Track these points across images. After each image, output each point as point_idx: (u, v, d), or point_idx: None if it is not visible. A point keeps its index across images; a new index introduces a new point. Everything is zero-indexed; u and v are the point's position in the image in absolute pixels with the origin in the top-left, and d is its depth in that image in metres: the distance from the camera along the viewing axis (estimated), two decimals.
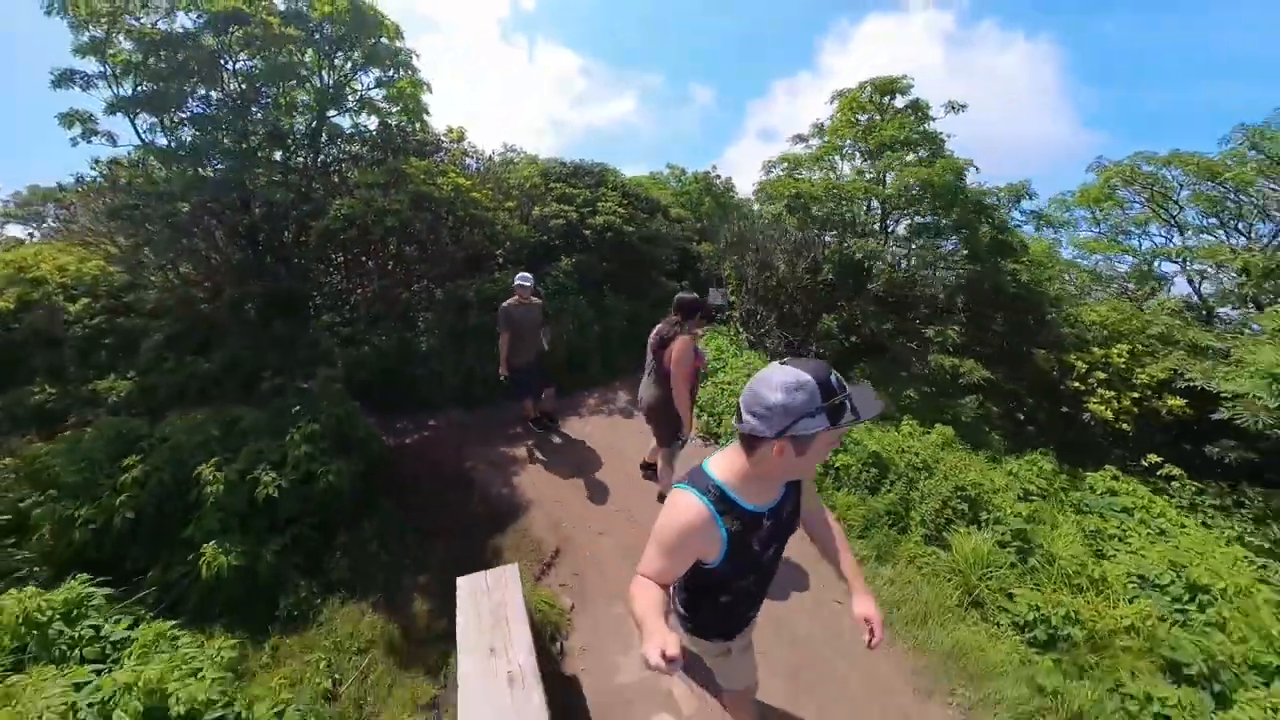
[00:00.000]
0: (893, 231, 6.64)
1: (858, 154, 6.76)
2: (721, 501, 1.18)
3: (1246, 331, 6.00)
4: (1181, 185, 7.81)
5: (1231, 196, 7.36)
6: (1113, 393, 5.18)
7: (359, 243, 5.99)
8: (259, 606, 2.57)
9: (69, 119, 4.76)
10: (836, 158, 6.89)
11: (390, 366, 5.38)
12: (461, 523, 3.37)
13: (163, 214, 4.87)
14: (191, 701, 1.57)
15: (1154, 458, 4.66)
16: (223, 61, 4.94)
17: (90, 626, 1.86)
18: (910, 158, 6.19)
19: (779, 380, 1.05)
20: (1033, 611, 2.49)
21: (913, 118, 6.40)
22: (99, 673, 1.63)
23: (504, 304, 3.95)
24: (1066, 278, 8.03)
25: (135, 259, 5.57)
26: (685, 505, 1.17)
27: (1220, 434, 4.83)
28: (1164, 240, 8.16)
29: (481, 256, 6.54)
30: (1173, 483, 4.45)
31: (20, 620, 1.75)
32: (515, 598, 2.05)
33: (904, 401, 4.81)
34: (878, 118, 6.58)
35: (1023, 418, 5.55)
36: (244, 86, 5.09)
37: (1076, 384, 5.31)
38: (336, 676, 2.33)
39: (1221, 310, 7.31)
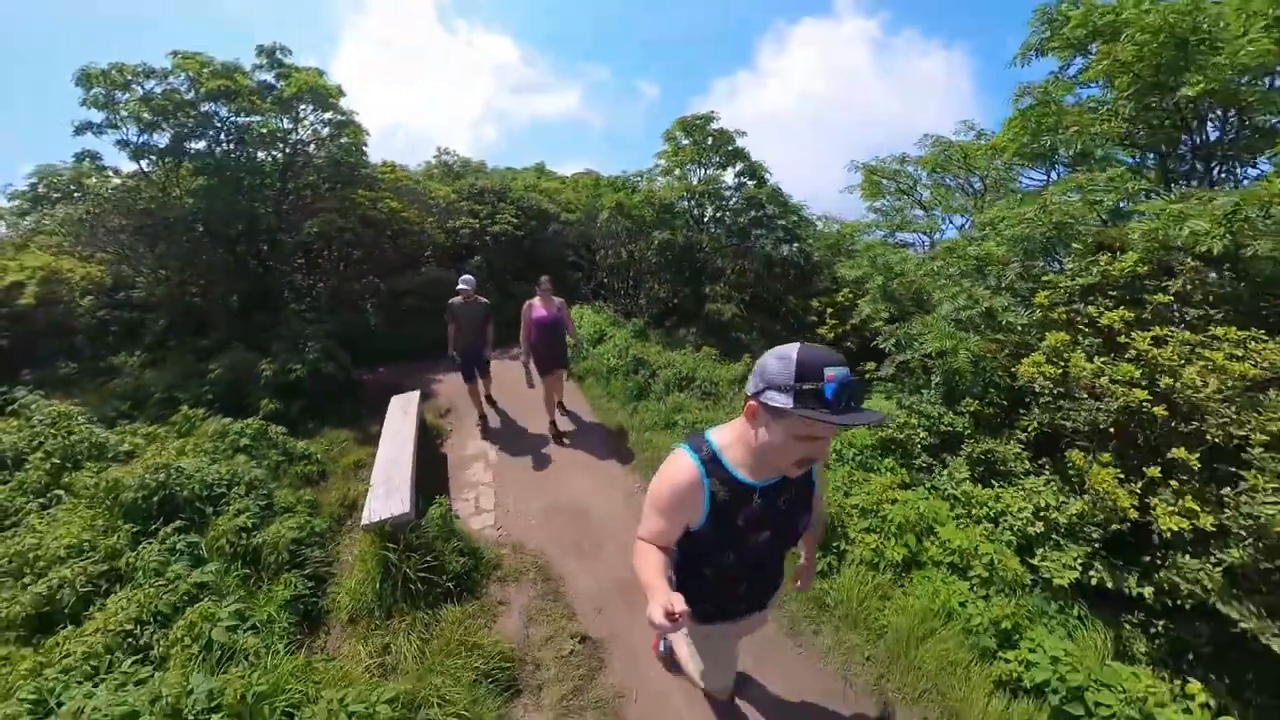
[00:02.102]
0: (707, 222, 9.41)
1: (677, 169, 9.40)
2: (712, 464, 1.19)
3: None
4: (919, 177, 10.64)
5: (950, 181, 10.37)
6: (836, 321, 8.07)
7: (321, 251, 8.20)
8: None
9: (82, 158, 6.85)
10: (659, 173, 9.37)
11: (349, 336, 7.59)
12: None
13: (183, 230, 6.89)
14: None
15: (869, 366, 7.47)
16: (217, 123, 7.01)
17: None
18: (724, 171, 8.99)
19: (777, 349, 1.08)
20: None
21: (717, 141, 9.11)
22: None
23: (451, 300, 4.72)
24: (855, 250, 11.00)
25: (139, 263, 7.46)
26: (677, 463, 1.20)
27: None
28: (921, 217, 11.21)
29: (414, 257, 8.97)
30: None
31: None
32: (415, 403, 4.59)
33: (690, 337, 7.55)
34: (686, 142, 9.11)
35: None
36: (232, 142, 7.17)
37: (814, 319, 8.19)
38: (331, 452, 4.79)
39: None
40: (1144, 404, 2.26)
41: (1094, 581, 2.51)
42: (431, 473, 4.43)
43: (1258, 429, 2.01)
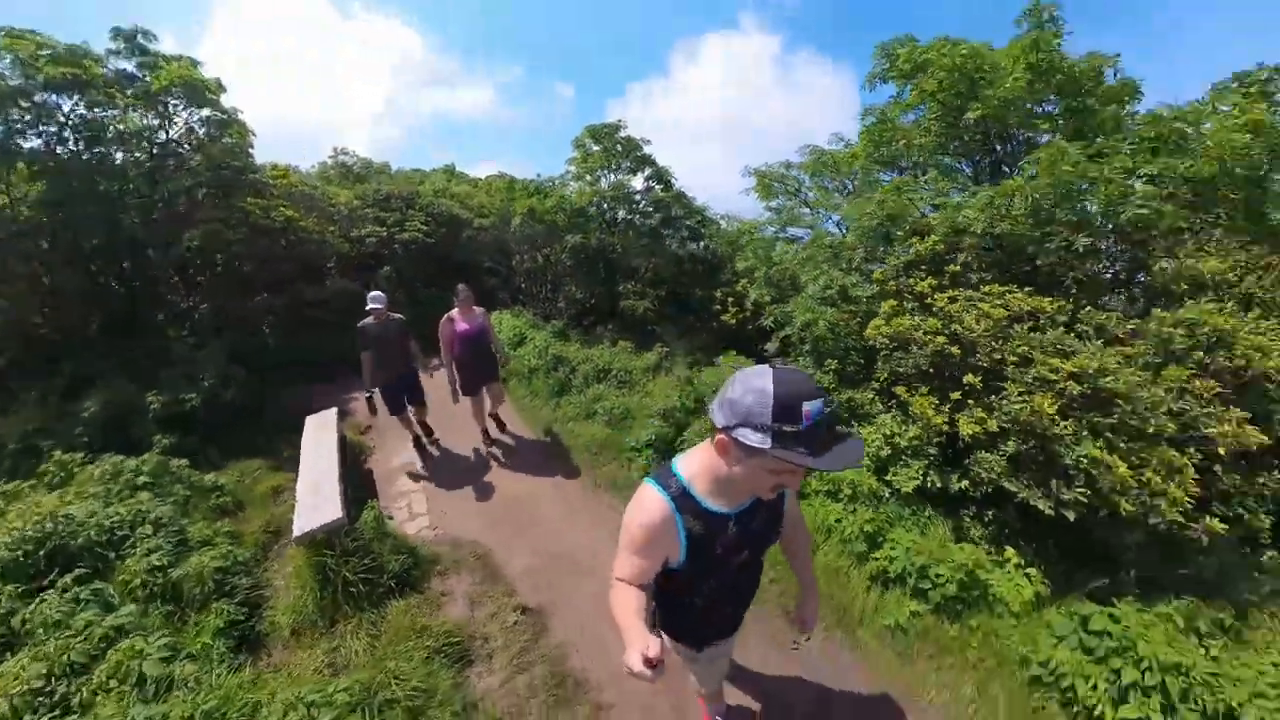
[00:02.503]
0: (620, 225, 9.89)
1: (588, 174, 9.78)
2: (683, 499, 1.16)
3: None
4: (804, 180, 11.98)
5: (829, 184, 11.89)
6: (737, 309, 8.86)
7: (202, 267, 7.47)
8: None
9: None
10: (571, 178, 9.57)
11: (244, 358, 6.95)
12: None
13: (20, 247, 5.96)
14: None
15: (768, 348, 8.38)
16: (60, 118, 6.10)
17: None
18: (634, 176, 9.46)
19: (747, 378, 1.00)
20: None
21: (625, 148, 9.61)
22: None
23: (362, 323, 4.05)
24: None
25: None
26: (646, 502, 1.16)
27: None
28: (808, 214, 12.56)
29: (316, 269, 8.44)
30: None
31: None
32: (333, 420, 4.52)
33: (607, 334, 7.98)
34: (596, 149, 9.51)
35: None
36: (82, 140, 6.30)
37: (719, 308, 8.92)
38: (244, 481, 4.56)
39: None
40: (945, 346, 3.03)
41: (932, 485, 3.26)
42: (359, 488, 4.40)
43: (1009, 353, 2.83)
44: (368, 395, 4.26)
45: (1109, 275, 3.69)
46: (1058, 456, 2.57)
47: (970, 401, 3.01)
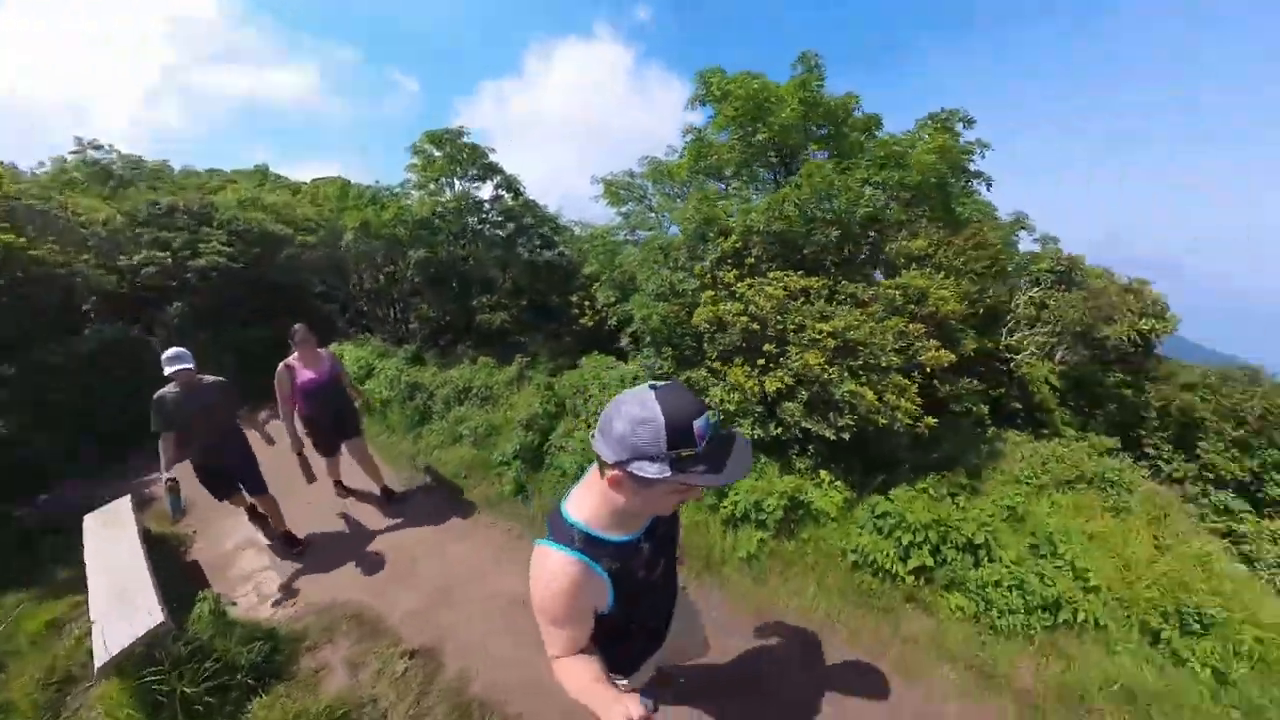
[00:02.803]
0: (470, 235, 9.58)
1: (431, 183, 9.22)
2: (590, 546, 1.11)
3: None
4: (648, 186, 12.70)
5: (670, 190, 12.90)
6: (593, 311, 9.27)
7: None
8: None
9: None
10: (413, 187, 8.92)
11: None
12: None
13: None
14: None
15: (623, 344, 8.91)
16: None
17: None
18: (482, 185, 9.17)
19: (630, 407, 0.97)
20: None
21: (470, 155, 9.25)
22: None
23: (159, 394, 3.10)
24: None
25: None
26: (555, 567, 1.09)
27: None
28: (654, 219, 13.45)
29: (64, 315, 6.54)
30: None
31: None
32: (127, 512, 3.70)
33: (466, 351, 7.82)
34: (439, 155, 8.98)
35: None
36: None
37: (576, 311, 9.24)
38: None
39: None
40: (748, 324, 3.74)
41: (759, 437, 3.96)
42: (181, 583, 3.61)
43: (789, 323, 3.63)
44: (168, 486, 3.13)
45: (861, 257, 4.85)
46: (830, 395, 3.39)
47: (771, 365, 3.77)
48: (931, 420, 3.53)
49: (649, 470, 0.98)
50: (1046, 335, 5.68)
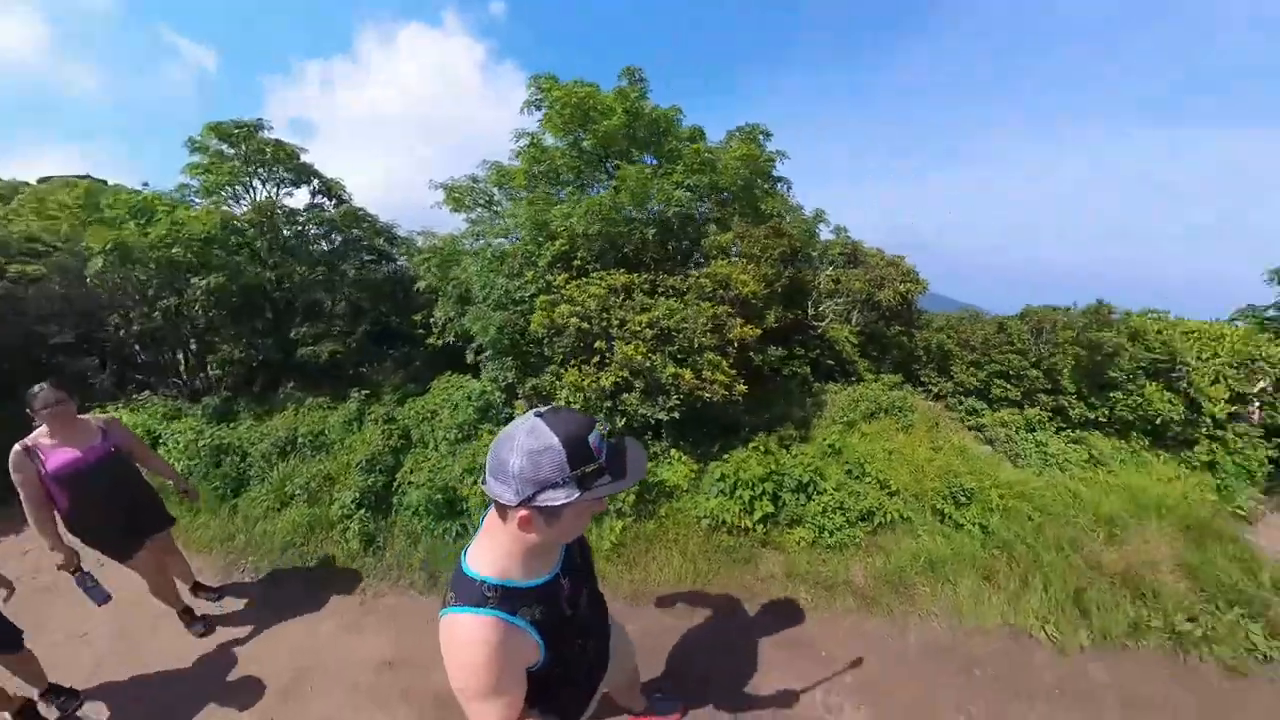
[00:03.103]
0: (281, 254, 8.09)
1: (222, 189, 7.14)
2: (507, 599, 1.03)
3: None
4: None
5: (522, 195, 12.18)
6: (440, 328, 8.64)
7: None
8: None
9: None
10: (197, 194, 7.01)
11: None
12: None
13: None
14: None
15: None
16: None
17: None
18: (294, 191, 7.73)
19: (522, 441, 0.93)
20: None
21: (275, 155, 7.43)
22: None
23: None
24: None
25: None
26: (470, 634, 1.00)
27: None
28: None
29: None
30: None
31: None
32: None
33: (292, 393, 6.83)
34: (232, 153, 7.06)
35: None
36: None
37: (421, 331, 8.52)
38: None
39: None
40: (579, 325, 3.86)
41: (609, 433, 4.13)
42: None
43: (612, 319, 3.84)
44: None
45: (680, 251, 5.29)
46: (658, 380, 3.67)
47: (606, 361, 3.94)
48: (743, 387, 3.95)
49: (557, 498, 0.95)
50: (842, 304, 6.81)
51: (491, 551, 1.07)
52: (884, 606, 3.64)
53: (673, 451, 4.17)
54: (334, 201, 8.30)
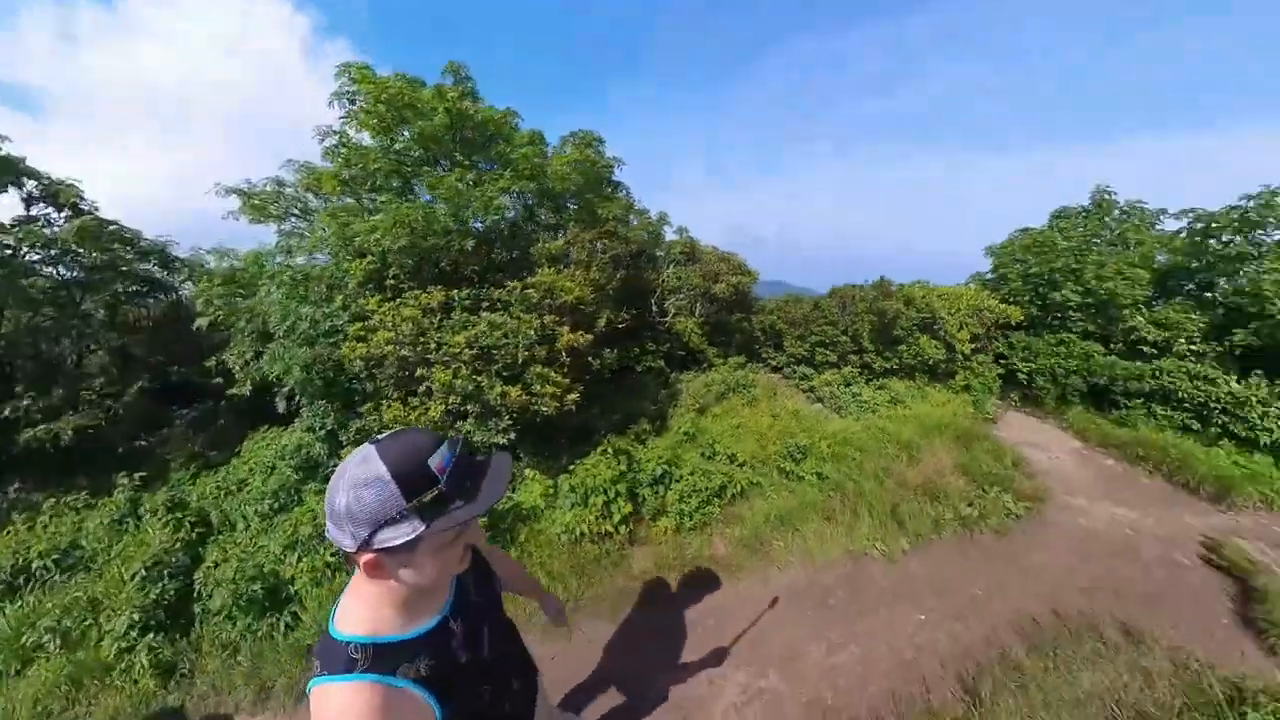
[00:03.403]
0: None
1: None
2: (382, 658, 0.89)
3: None
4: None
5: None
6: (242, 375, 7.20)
7: None
8: None
9: None
10: None
11: None
12: None
13: None
14: None
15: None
16: None
17: None
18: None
19: (351, 474, 0.82)
20: None
21: None
22: None
23: None
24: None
25: None
26: (343, 705, 0.84)
27: None
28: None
29: None
30: None
31: None
32: None
33: (17, 499, 5.15)
34: None
35: None
36: None
37: (219, 380, 6.93)
38: None
39: None
40: (397, 353, 3.49)
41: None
42: None
43: (430, 344, 3.57)
44: None
45: (508, 261, 5.10)
46: (487, 403, 3.47)
47: (431, 389, 3.62)
48: (575, 396, 3.88)
49: (397, 536, 0.81)
50: (684, 299, 7.27)
51: (357, 607, 0.93)
52: (746, 569, 3.90)
53: (528, 471, 4.00)
54: (65, 212, 6.26)
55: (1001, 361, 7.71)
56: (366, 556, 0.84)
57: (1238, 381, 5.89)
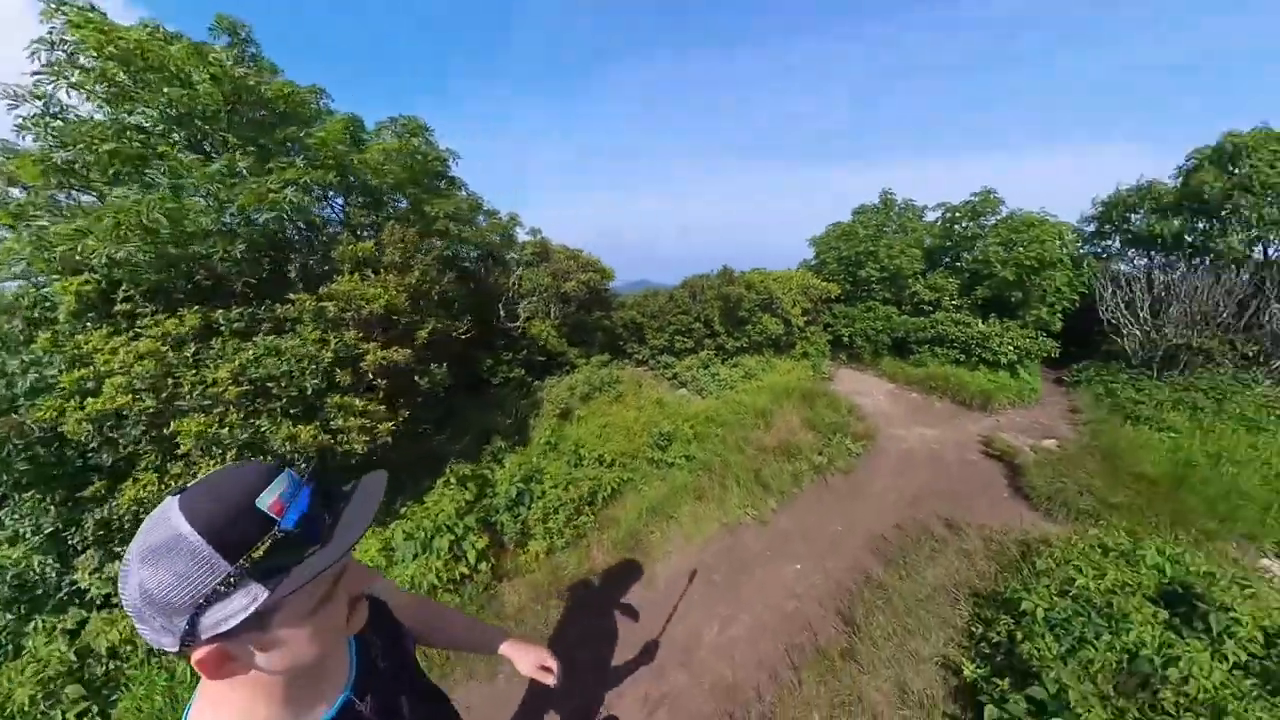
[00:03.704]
0: None
1: None
2: None
3: None
4: None
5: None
6: None
7: None
8: None
9: None
10: None
11: None
12: None
13: None
14: None
15: None
16: None
17: None
18: None
19: (137, 546, 0.56)
20: None
21: None
22: None
23: None
24: None
25: None
26: None
27: None
28: None
29: None
30: None
31: None
32: None
33: None
34: None
35: None
36: None
37: None
38: None
39: None
40: (141, 404, 2.60)
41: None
42: None
43: (185, 381, 2.75)
44: None
45: (304, 270, 4.22)
46: (272, 450, 2.75)
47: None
48: (388, 426, 3.30)
49: (234, 612, 0.56)
50: (536, 301, 6.91)
51: (217, 707, 0.68)
52: (628, 570, 3.72)
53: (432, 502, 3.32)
54: None
55: (829, 329, 8.99)
56: (200, 653, 0.59)
57: (984, 324, 7.84)
